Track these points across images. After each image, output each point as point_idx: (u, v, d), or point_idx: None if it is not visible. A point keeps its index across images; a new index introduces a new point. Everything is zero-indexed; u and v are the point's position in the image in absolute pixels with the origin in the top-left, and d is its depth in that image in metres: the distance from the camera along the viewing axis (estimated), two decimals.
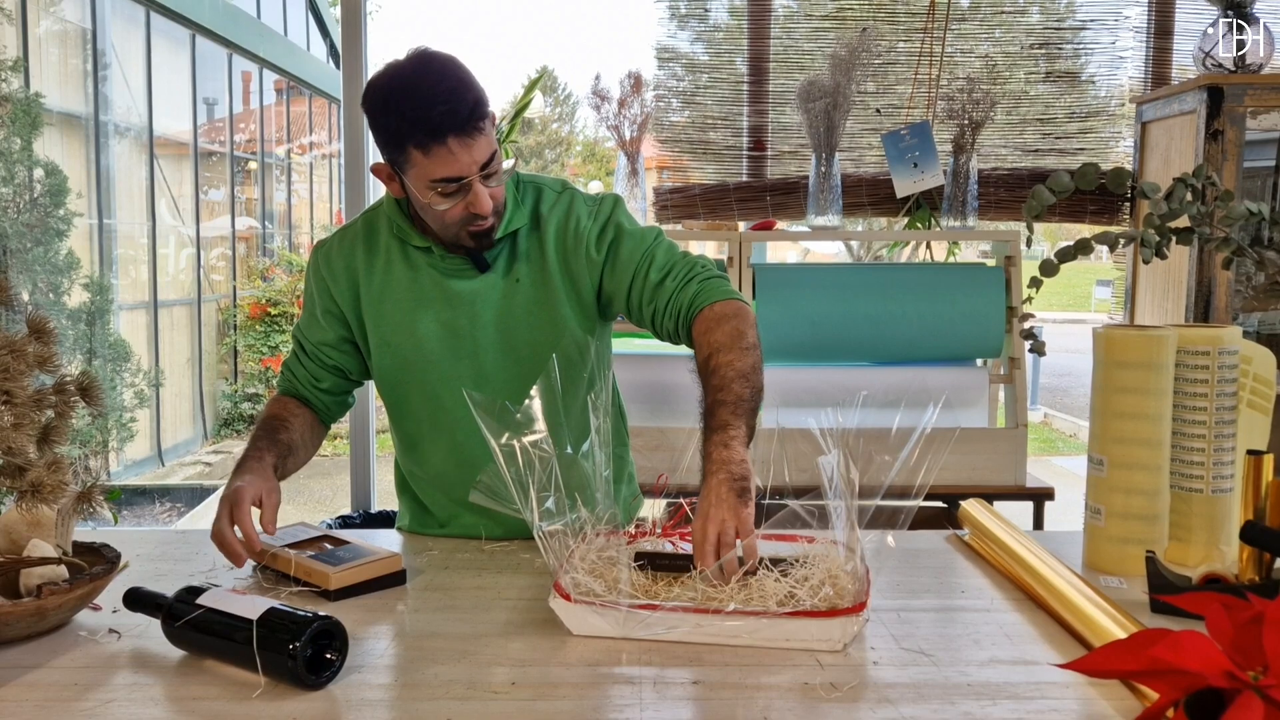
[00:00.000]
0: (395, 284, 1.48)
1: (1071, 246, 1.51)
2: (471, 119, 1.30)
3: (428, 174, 1.33)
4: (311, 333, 1.55)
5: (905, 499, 1.15)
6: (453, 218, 1.37)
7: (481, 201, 1.35)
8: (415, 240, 1.46)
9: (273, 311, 8.09)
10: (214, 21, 7.47)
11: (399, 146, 1.33)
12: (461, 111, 1.29)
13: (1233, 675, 0.77)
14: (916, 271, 2.99)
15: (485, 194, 1.35)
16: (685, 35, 3.37)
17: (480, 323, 1.46)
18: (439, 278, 1.46)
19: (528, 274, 1.46)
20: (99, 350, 5.42)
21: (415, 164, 1.33)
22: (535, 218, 1.48)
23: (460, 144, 1.30)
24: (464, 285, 1.46)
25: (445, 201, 1.35)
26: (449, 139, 1.29)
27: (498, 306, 1.46)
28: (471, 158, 1.32)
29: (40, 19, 5.60)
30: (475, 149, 1.32)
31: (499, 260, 1.47)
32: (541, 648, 1.10)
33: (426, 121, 1.29)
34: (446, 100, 1.29)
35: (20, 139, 4.81)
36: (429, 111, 1.29)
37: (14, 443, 1.04)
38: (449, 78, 1.31)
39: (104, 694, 0.99)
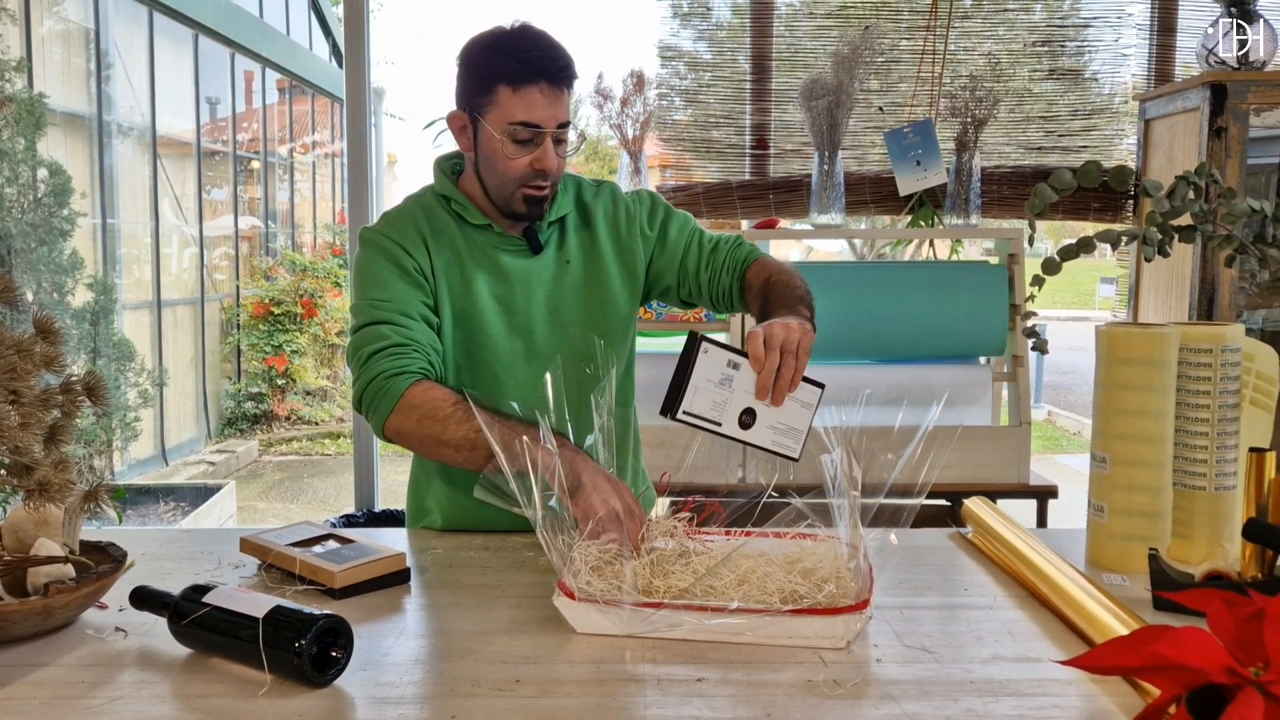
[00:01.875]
0: (458, 257, 1.50)
1: (1074, 244, 1.51)
2: (564, 72, 1.39)
3: (509, 114, 1.39)
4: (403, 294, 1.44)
5: (908, 497, 1.15)
6: (516, 170, 1.42)
7: (549, 158, 1.41)
8: (474, 218, 1.51)
9: (276, 311, 8.09)
10: (216, 21, 7.48)
11: (488, 86, 1.39)
12: (558, 61, 1.39)
13: (1234, 671, 0.78)
14: (919, 269, 2.99)
15: (554, 153, 1.41)
16: (688, 33, 3.37)
17: (534, 300, 1.52)
18: (496, 255, 1.51)
19: (578, 256, 1.54)
20: (103, 350, 5.43)
21: (500, 104, 1.39)
22: (580, 205, 1.57)
23: (549, 91, 1.38)
24: (519, 264, 1.51)
25: (516, 150, 1.41)
26: (541, 81, 1.37)
27: (549, 285, 1.52)
28: (554, 111, 1.40)
29: (43, 19, 5.61)
30: (559, 104, 1.40)
31: (550, 243, 1.53)
32: (545, 645, 1.10)
33: (524, 61, 1.37)
34: (546, 49, 1.39)
35: (24, 139, 4.82)
36: (528, 54, 1.38)
37: (21, 442, 1.04)
38: (550, 38, 1.42)
39: (110, 691, 1.00)
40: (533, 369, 1.51)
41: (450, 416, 1.33)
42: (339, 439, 7.89)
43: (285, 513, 5.87)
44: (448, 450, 1.34)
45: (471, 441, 1.31)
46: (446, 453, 1.35)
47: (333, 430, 8.10)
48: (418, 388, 1.37)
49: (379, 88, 13.26)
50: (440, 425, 1.33)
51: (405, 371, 1.38)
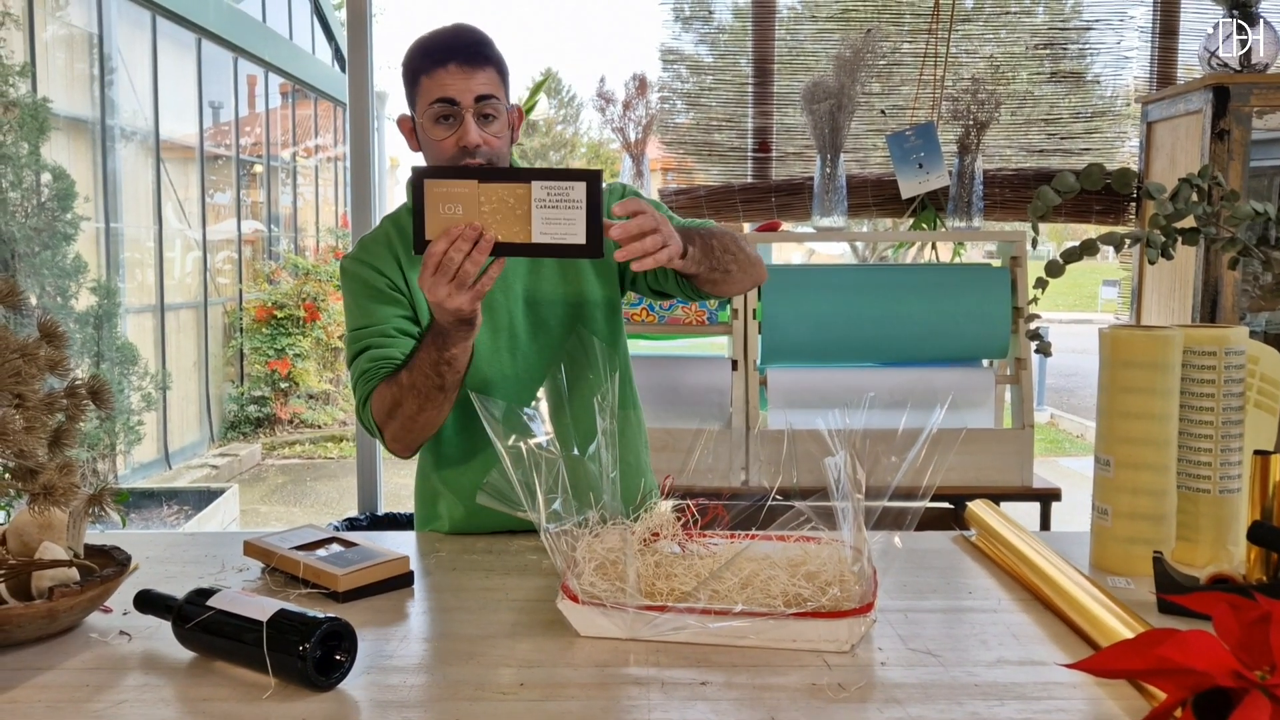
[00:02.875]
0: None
1: (1077, 247, 1.51)
2: (474, 50, 1.44)
3: (429, 97, 1.44)
4: (380, 316, 1.51)
5: (912, 500, 1.15)
6: (445, 151, 1.46)
7: (469, 133, 1.44)
8: None
9: (279, 314, 8.10)
10: (219, 25, 7.49)
11: (413, 80, 1.46)
12: (465, 41, 1.44)
13: (1240, 675, 0.77)
14: (922, 272, 2.99)
15: (473, 130, 1.44)
16: (690, 37, 3.38)
17: (512, 295, 1.54)
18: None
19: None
20: (106, 353, 5.44)
21: (421, 93, 1.45)
22: None
23: (459, 70, 1.43)
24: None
25: (440, 131, 1.45)
26: (450, 64, 1.43)
27: (525, 279, 1.55)
28: (468, 85, 1.43)
29: (47, 24, 5.63)
30: (474, 80, 1.43)
31: None
32: (549, 649, 1.10)
33: (435, 48, 1.44)
34: (455, 34, 1.46)
35: (28, 143, 4.83)
36: (439, 41, 1.45)
37: (26, 445, 1.04)
38: (464, 26, 1.48)
39: (115, 695, 1.00)
40: (518, 364, 1.54)
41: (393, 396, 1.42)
42: (342, 442, 7.90)
43: (288, 516, 5.88)
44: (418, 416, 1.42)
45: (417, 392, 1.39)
46: (421, 418, 1.42)
47: (335, 434, 8.10)
48: (374, 399, 1.46)
49: (381, 92, 13.28)
50: (395, 407, 1.42)
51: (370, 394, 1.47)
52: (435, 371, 1.39)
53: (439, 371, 1.38)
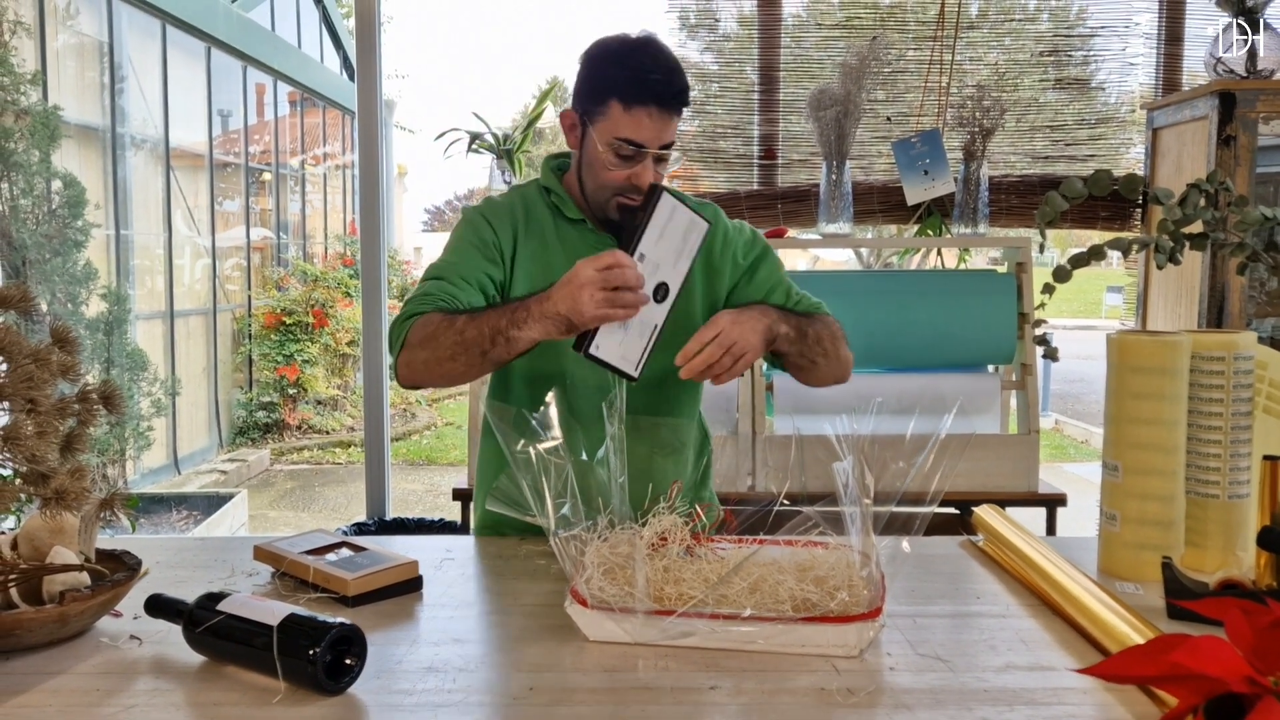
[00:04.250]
0: (546, 248, 1.53)
1: (1085, 252, 1.51)
2: (677, 98, 1.42)
3: (616, 129, 1.42)
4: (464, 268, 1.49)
5: (919, 505, 1.15)
6: (613, 180, 1.45)
7: (646, 176, 1.43)
8: (570, 212, 1.54)
9: (287, 321, 8.12)
10: (229, 34, 7.53)
11: (602, 97, 1.43)
12: (673, 86, 1.42)
13: (1253, 681, 0.77)
14: (927, 278, 2.99)
15: (652, 171, 1.44)
16: (695, 45, 3.38)
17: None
18: (584, 252, 1.48)
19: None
20: (116, 359, 5.45)
21: (610, 117, 1.42)
22: None
23: (658, 115, 1.41)
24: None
25: (616, 163, 1.44)
26: (651, 104, 1.40)
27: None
28: (660, 133, 1.42)
29: (58, 32, 5.66)
30: (666, 128, 1.42)
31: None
32: (558, 654, 1.10)
33: (640, 81, 1.40)
34: (665, 73, 1.41)
35: (39, 151, 4.85)
36: (646, 75, 1.40)
37: (38, 450, 1.05)
38: (671, 59, 1.44)
39: (125, 699, 1.00)
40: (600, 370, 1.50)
41: (447, 326, 1.37)
42: (350, 448, 7.91)
43: (296, 521, 5.88)
44: (452, 360, 1.37)
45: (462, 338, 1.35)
46: (453, 364, 1.38)
47: (344, 439, 8.11)
48: (420, 320, 1.41)
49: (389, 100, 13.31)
50: (438, 335, 1.37)
51: (419, 314, 1.42)
52: (491, 338, 1.35)
53: (494, 340, 1.35)
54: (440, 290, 1.46)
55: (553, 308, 1.30)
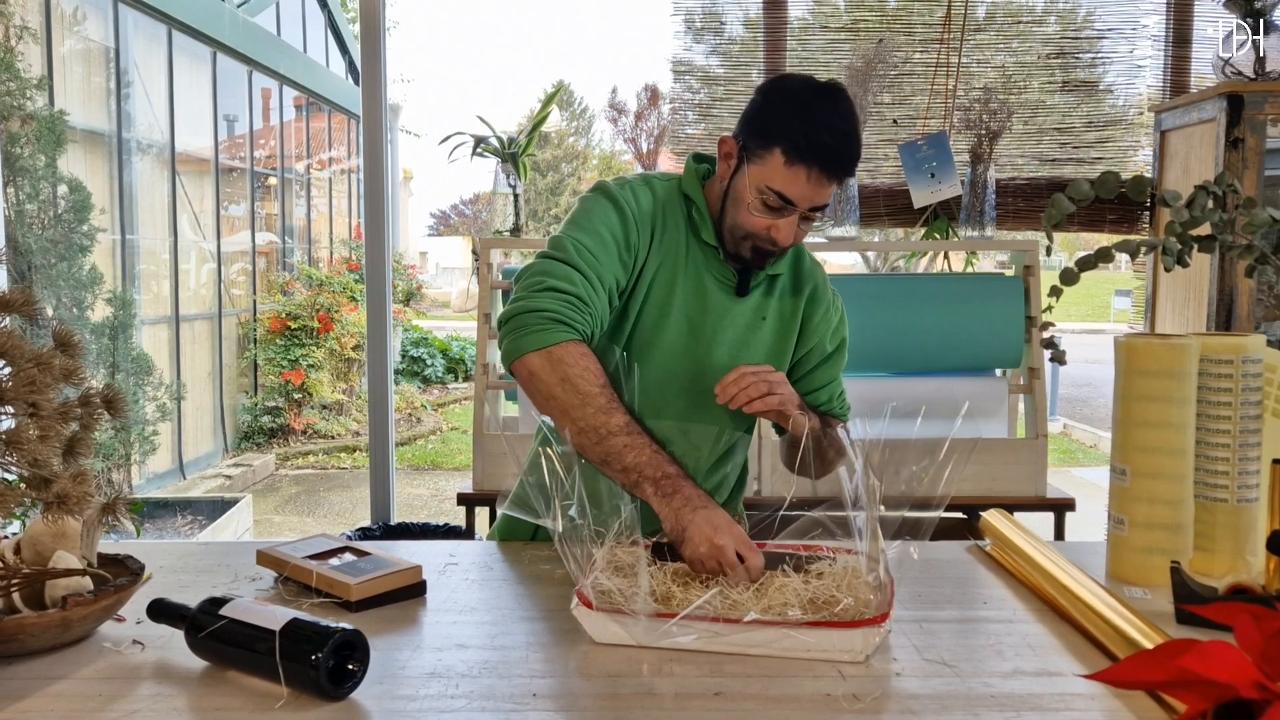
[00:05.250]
0: (678, 260, 1.48)
1: (1092, 255, 1.50)
2: (843, 170, 1.35)
3: (771, 179, 1.35)
4: (603, 256, 1.39)
5: (927, 509, 1.15)
6: (752, 227, 1.40)
7: (788, 234, 1.39)
8: (706, 235, 1.48)
9: (293, 325, 8.13)
10: (234, 39, 7.55)
11: (769, 140, 1.35)
12: (844, 157, 1.34)
13: (1262, 686, 0.76)
14: (934, 282, 2.98)
15: (794, 231, 1.39)
16: (701, 48, 3.38)
17: (720, 339, 1.49)
18: (706, 277, 1.49)
19: (775, 317, 1.53)
20: (121, 364, 5.47)
21: (769, 165, 1.35)
22: (796, 273, 1.55)
23: (818, 180, 1.34)
24: (724, 298, 1.49)
25: (762, 211, 1.38)
26: (815, 168, 1.33)
27: (740, 332, 1.50)
28: (814, 196, 1.36)
29: (64, 38, 5.68)
30: (822, 193, 1.36)
31: (756, 293, 1.52)
32: (562, 659, 1.09)
33: (813, 141, 1.32)
34: (843, 139, 1.33)
35: (45, 156, 4.87)
36: (822, 135, 1.32)
37: (40, 455, 1.05)
38: (852, 123, 1.36)
39: (128, 705, 1.00)
40: (686, 400, 1.49)
41: (593, 398, 1.26)
42: (355, 453, 7.91)
43: (301, 526, 5.89)
44: (569, 424, 1.27)
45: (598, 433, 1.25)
46: (565, 423, 1.27)
47: (349, 444, 8.12)
48: (576, 346, 1.30)
49: (394, 104, 13.34)
50: (580, 398, 1.26)
51: (572, 325, 1.31)
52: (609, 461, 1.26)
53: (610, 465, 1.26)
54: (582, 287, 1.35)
55: (678, 525, 1.21)
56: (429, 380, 10.90)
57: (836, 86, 1.38)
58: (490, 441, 2.72)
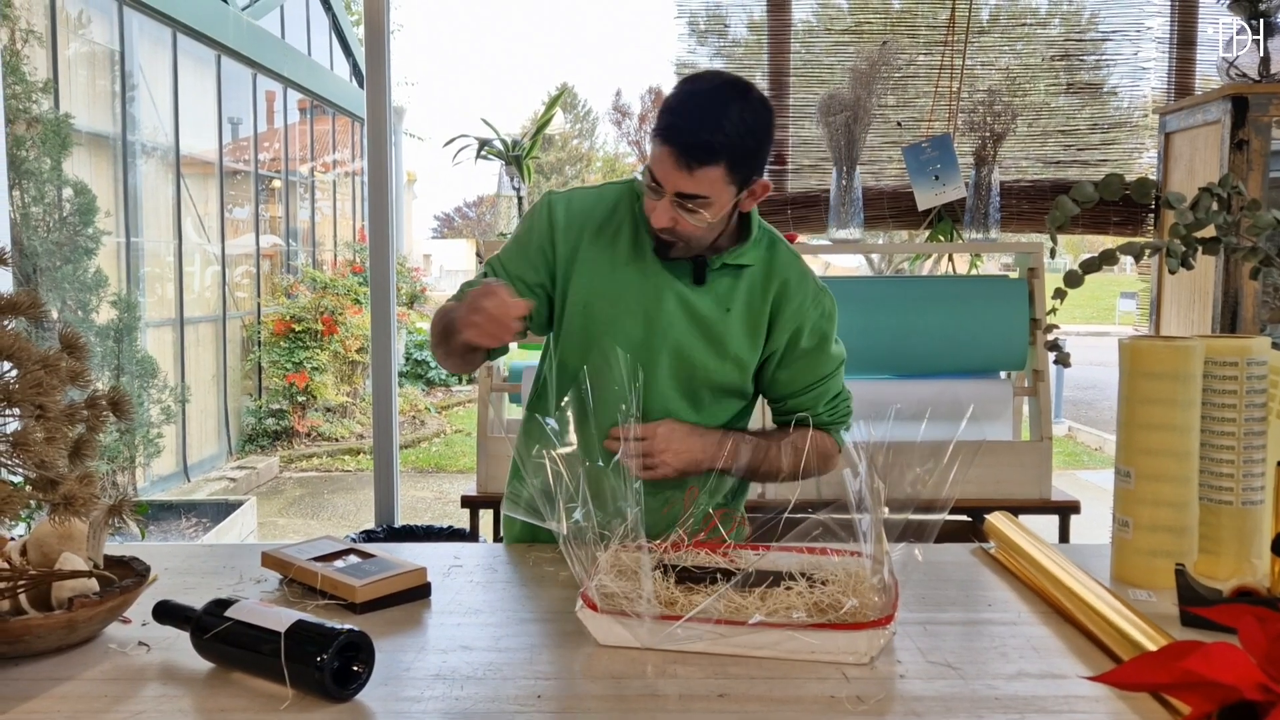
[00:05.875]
0: (616, 256, 1.51)
1: (1097, 257, 1.50)
2: (692, 152, 1.36)
3: (650, 161, 1.42)
4: (514, 264, 1.55)
5: (931, 512, 1.15)
6: (647, 209, 1.44)
7: (657, 216, 1.41)
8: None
9: (297, 328, 8.14)
10: (239, 42, 7.57)
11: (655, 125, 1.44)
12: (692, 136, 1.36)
13: (1267, 688, 0.76)
14: (939, 284, 2.98)
15: (664, 214, 1.40)
16: (705, 51, 3.38)
17: (677, 327, 1.50)
18: (660, 269, 1.50)
19: (742, 307, 1.51)
20: (126, 366, 5.48)
21: (652, 148, 1.42)
22: (769, 265, 1.53)
23: (674, 160, 1.37)
24: (678, 288, 1.50)
25: (647, 194, 1.43)
26: (668, 147, 1.37)
27: (700, 321, 1.51)
28: (674, 179, 1.38)
29: (69, 41, 5.70)
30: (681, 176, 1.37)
31: (719, 282, 1.51)
32: (567, 661, 1.10)
33: (669, 121, 1.38)
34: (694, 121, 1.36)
35: (50, 159, 4.88)
36: (676, 116, 1.38)
37: (47, 456, 1.05)
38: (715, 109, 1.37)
39: (133, 705, 1.00)
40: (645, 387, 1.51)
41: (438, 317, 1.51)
42: (359, 455, 7.92)
43: (305, 529, 5.89)
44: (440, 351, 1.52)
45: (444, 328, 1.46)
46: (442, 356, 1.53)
47: (353, 446, 8.12)
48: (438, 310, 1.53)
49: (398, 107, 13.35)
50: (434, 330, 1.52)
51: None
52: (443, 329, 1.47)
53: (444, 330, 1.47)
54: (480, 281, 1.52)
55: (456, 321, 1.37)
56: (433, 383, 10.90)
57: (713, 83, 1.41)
58: (494, 444, 2.72)
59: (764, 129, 1.40)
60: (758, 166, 1.43)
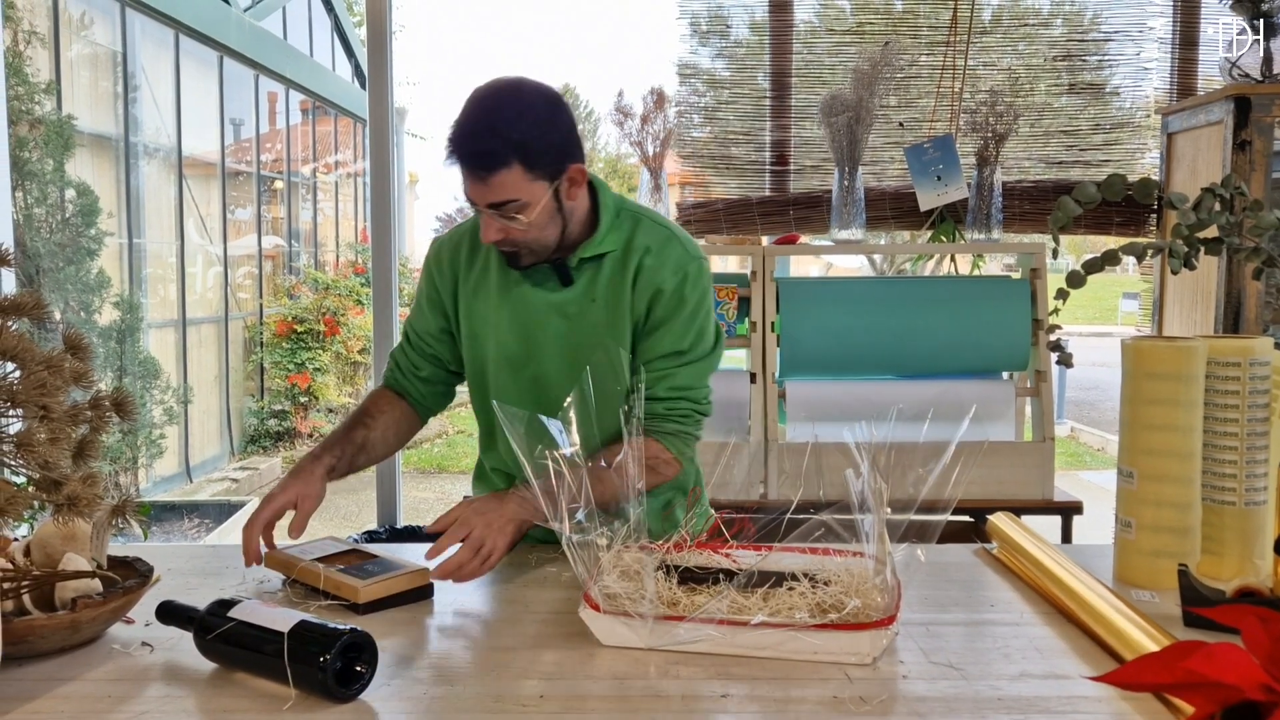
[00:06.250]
0: (489, 281, 1.54)
1: (1099, 257, 1.50)
2: (478, 163, 1.36)
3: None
4: (417, 322, 1.62)
5: (934, 513, 1.14)
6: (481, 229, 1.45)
7: (483, 233, 1.42)
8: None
9: (299, 329, 8.15)
10: (241, 43, 7.58)
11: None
12: (467, 146, 1.36)
13: (1269, 689, 0.76)
14: (941, 284, 2.98)
15: (488, 228, 1.41)
16: (707, 51, 3.38)
17: (552, 333, 1.51)
18: (525, 282, 1.51)
19: (605, 293, 1.50)
20: (129, 368, 5.49)
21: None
22: (629, 244, 1.50)
23: (468, 174, 1.38)
24: (544, 295, 1.51)
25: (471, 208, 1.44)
26: (460, 164, 1.38)
27: (572, 321, 1.51)
28: (472, 192, 1.39)
29: (72, 42, 5.71)
30: (476, 188, 1.38)
31: (583, 278, 1.51)
32: (570, 661, 1.10)
33: (451, 141, 1.39)
34: (465, 135, 1.37)
35: (52, 160, 4.89)
36: (456, 133, 1.38)
37: (51, 457, 1.05)
38: (484, 119, 1.37)
39: (137, 706, 1.00)
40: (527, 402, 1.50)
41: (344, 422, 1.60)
42: None
43: (308, 529, 5.88)
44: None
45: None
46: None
47: None
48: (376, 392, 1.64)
49: (401, 108, 13.36)
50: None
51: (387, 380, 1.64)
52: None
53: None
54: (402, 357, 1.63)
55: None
56: None
57: (484, 91, 1.40)
58: None
59: (548, 119, 1.38)
60: (560, 155, 1.39)
